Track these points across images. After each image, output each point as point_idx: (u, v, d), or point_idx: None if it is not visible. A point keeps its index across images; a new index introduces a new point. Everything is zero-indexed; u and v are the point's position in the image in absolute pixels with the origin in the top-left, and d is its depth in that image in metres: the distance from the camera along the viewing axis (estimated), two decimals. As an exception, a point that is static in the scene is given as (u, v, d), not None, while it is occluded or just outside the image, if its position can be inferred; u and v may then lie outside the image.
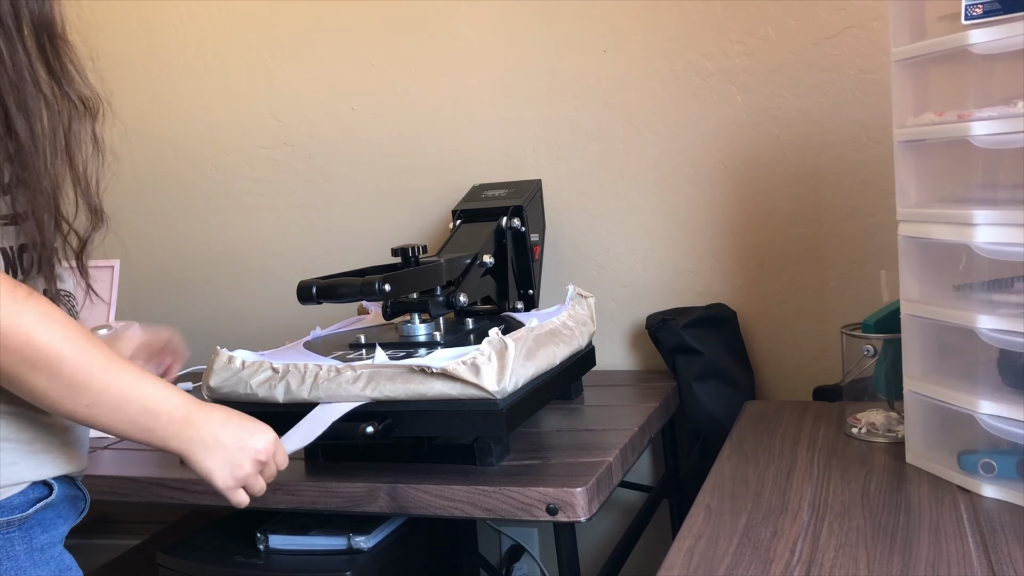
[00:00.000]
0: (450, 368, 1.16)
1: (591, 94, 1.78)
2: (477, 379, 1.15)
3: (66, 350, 0.81)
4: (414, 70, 1.89)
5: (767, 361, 1.74)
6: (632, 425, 1.38)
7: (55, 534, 0.91)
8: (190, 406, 0.90)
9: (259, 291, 2.07)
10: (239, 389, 1.26)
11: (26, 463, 0.88)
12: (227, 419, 0.93)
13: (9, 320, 0.78)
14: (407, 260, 1.37)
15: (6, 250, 0.87)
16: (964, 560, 0.93)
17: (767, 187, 1.69)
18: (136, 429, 0.87)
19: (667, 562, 0.98)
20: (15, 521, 0.86)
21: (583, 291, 1.56)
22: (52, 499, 0.90)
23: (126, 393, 0.85)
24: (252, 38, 2.02)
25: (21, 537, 0.87)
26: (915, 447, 1.21)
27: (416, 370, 1.18)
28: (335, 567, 1.24)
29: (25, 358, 0.79)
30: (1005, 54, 1.03)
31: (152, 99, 2.12)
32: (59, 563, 0.90)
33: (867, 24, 1.59)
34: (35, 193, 0.86)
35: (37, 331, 0.79)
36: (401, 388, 1.19)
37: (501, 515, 1.16)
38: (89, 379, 0.82)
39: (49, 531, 0.90)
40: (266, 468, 0.97)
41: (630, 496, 1.81)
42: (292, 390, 1.23)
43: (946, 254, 1.14)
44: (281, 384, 1.24)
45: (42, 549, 0.89)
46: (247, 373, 1.27)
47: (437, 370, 1.16)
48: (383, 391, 1.19)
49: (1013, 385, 1.07)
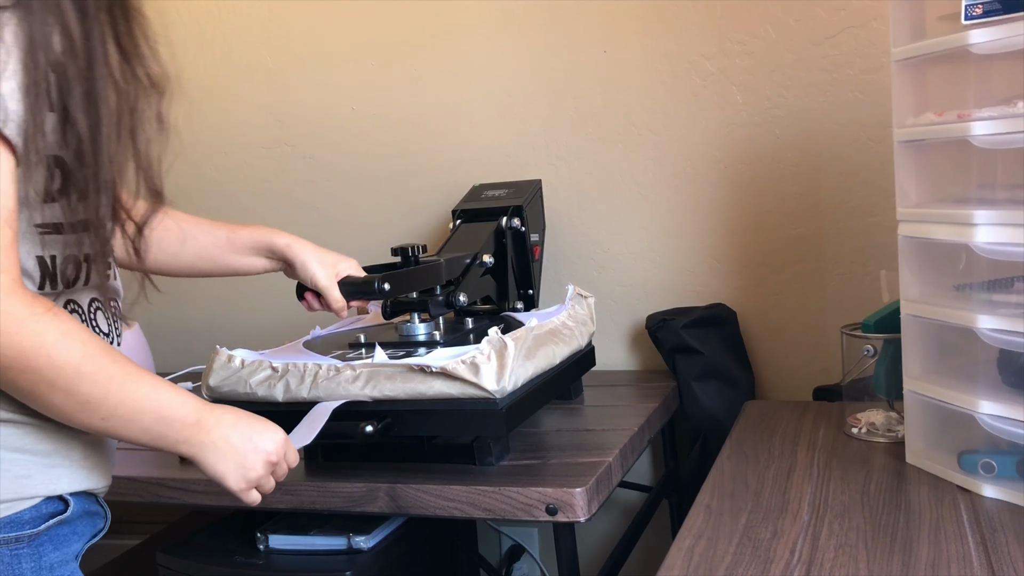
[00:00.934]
0: (449, 367, 1.16)
1: (591, 94, 1.78)
2: (476, 378, 1.15)
3: (85, 368, 0.80)
4: (414, 70, 1.89)
5: (767, 361, 1.74)
6: (632, 425, 1.38)
7: (67, 552, 0.87)
8: (201, 410, 0.89)
9: (259, 291, 2.07)
10: (239, 388, 1.26)
11: (41, 476, 0.85)
12: (237, 421, 0.93)
13: (31, 340, 0.76)
14: (407, 259, 1.37)
15: (45, 260, 0.85)
16: (964, 560, 0.93)
17: (767, 187, 1.69)
18: (150, 437, 0.87)
19: (667, 562, 0.98)
20: (24, 537, 0.83)
21: (583, 291, 1.56)
22: (67, 516, 0.87)
23: (141, 404, 0.84)
24: (252, 38, 2.02)
25: (30, 555, 0.83)
26: (915, 447, 1.21)
27: (415, 369, 1.18)
28: (335, 567, 1.24)
29: (44, 377, 0.78)
30: (1005, 54, 1.03)
31: (152, 99, 2.12)
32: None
33: (867, 24, 1.59)
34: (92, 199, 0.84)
35: (57, 350, 0.78)
36: (400, 387, 1.19)
37: (501, 515, 1.16)
38: (106, 394, 0.81)
39: (61, 549, 0.86)
40: (277, 468, 0.96)
41: (630, 496, 1.81)
42: (291, 389, 1.23)
43: (946, 254, 1.14)
44: (280, 383, 1.24)
45: (51, 568, 0.85)
46: (246, 372, 1.27)
47: (436, 369, 1.16)
48: (382, 390, 1.19)
49: (1013, 385, 1.07)
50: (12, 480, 0.83)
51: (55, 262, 0.86)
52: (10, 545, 0.82)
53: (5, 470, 0.83)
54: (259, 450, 0.93)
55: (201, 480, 1.31)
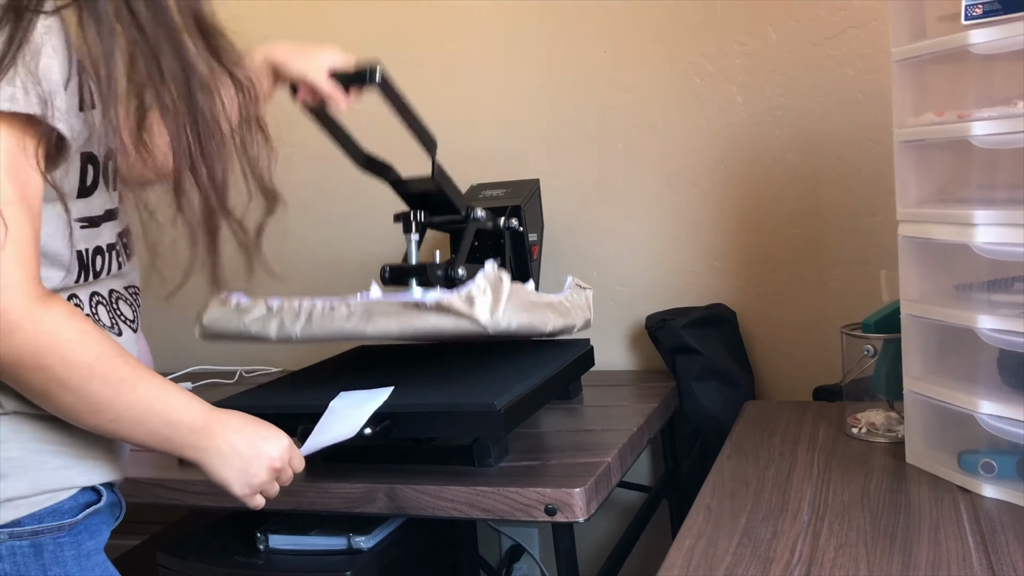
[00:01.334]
0: (444, 300, 1.14)
1: (591, 94, 1.78)
2: (471, 311, 1.14)
3: (98, 369, 0.80)
4: (414, 70, 1.89)
5: (767, 361, 1.73)
6: (631, 425, 1.38)
7: (100, 540, 0.90)
8: (209, 415, 0.90)
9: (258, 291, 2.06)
10: (232, 325, 1.24)
11: (78, 468, 0.87)
12: (243, 426, 0.93)
13: (47, 338, 0.77)
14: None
15: (82, 253, 0.86)
16: (964, 560, 0.93)
17: (767, 187, 1.69)
18: (157, 441, 0.87)
19: (667, 562, 0.98)
20: (66, 526, 0.85)
21: (581, 282, 1.55)
22: (100, 505, 0.89)
23: (150, 407, 0.85)
24: (252, 38, 2.02)
25: (71, 543, 0.86)
26: (915, 447, 1.21)
27: (411, 306, 1.17)
28: (335, 567, 1.24)
29: (56, 376, 0.78)
30: (1005, 54, 1.03)
31: (152, 99, 2.12)
32: (104, 569, 0.90)
33: (867, 24, 1.59)
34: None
35: (72, 349, 0.78)
36: (395, 323, 1.17)
37: (500, 516, 1.16)
38: (117, 396, 0.82)
39: (96, 537, 0.89)
40: (282, 474, 0.97)
41: (629, 496, 1.81)
42: (285, 327, 1.21)
43: (946, 254, 1.14)
44: (275, 321, 1.22)
45: (89, 555, 0.88)
46: (241, 310, 1.25)
47: (431, 304, 1.15)
48: (377, 327, 1.17)
49: (1013, 385, 1.07)
50: (53, 472, 0.85)
51: (89, 255, 0.87)
52: (53, 534, 0.85)
53: (47, 462, 0.85)
54: (263, 456, 0.93)
55: (201, 481, 1.30)
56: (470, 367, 1.38)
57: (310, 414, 1.22)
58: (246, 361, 2.12)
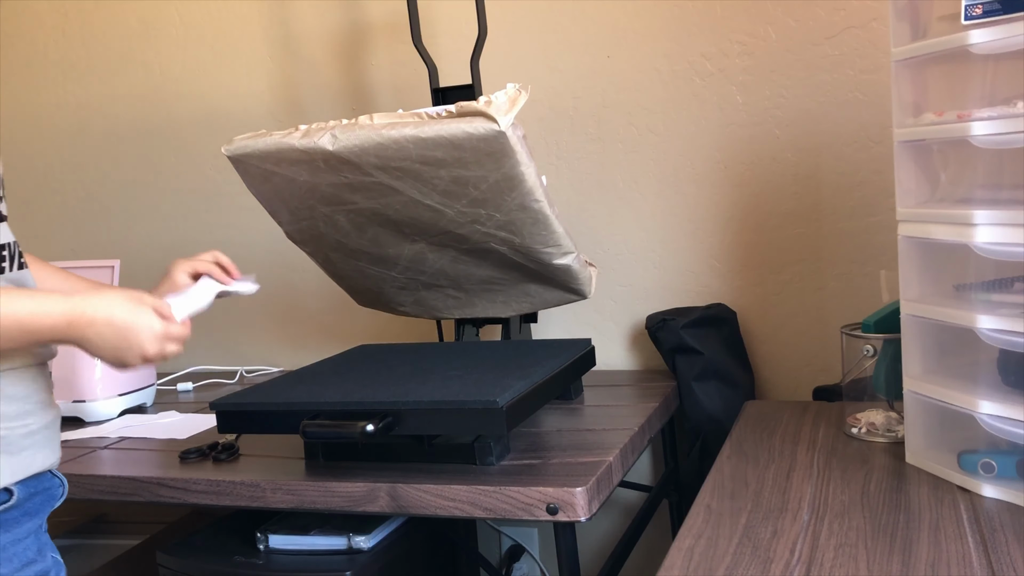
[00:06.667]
0: (464, 105, 1.21)
1: (591, 94, 1.78)
2: (489, 109, 1.19)
3: None
4: (414, 70, 1.89)
5: (767, 361, 1.74)
6: (632, 425, 1.38)
7: (19, 531, 0.93)
8: (72, 313, 0.92)
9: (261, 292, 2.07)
10: (258, 143, 1.35)
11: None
12: (110, 318, 0.94)
13: None
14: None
15: None
16: (964, 560, 0.93)
17: (767, 187, 1.69)
18: (30, 346, 0.91)
19: (667, 562, 0.98)
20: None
21: (590, 260, 1.54)
22: (13, 503, 0.92)
23: (10, 322, 0.87)
24: (252, 38, 2.02)
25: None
26: (915, 447, 1.21)
27: (428, 117, 1.25)
28: (335, 567, 1.24)
29: None
30: (1005, 54, 1.03)
31: (152, 99, 2.12)
32: (22, 558, 0.92)
33: (867, 24, 1.59)
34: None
35: None
36: (412, 132, 1.24)
37: (501, 515, 1.16)
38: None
39: (12, 530, 0.92)
40: (166, 345, 1.00)
41: (630, 496, 1.81)
42: (311, 135, 1.29)
43: (946, 254, 1.14)
44: (298, 133, 1.31)
45: (3, 548, 0.90)
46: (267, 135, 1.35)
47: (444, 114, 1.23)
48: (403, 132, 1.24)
49: (1013, 385, 1.07)
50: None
51: None
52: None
53: None
54: (134, 346, 0.96)
55: (201, 480, 1.31)
56: (471, 365, 1.38)
57: (311, 411, 1.23)
58: (246, 361, 2.12)
